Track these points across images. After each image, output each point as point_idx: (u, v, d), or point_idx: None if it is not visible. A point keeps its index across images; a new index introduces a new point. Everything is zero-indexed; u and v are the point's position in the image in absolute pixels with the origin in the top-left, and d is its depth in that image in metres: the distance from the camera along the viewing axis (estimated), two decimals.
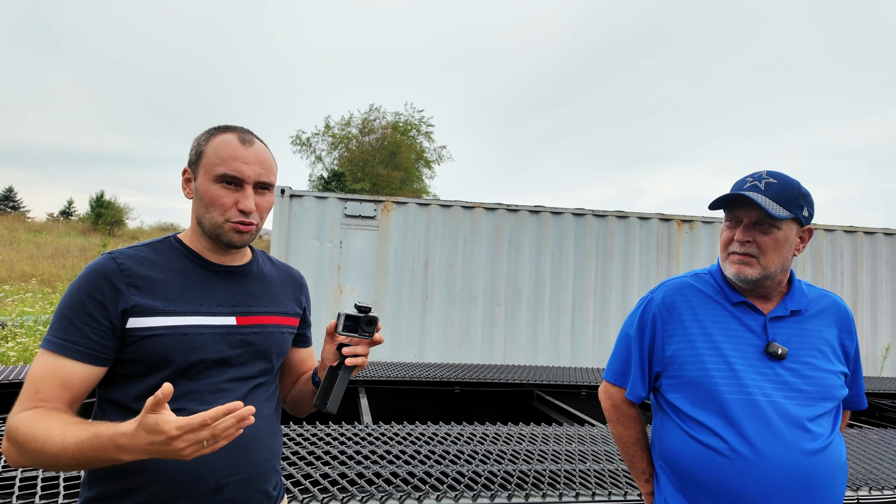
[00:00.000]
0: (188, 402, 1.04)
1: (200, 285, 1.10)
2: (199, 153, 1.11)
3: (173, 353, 1.03)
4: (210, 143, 1.10)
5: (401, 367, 3.98)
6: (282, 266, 1.31)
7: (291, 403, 1.33)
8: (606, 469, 1.98)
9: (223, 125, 1.15)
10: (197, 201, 1.11)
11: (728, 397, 1.21)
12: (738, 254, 1.26)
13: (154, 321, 1.03)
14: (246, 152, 1.10)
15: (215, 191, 1.08)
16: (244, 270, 1.18)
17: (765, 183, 1.25)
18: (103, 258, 1.05)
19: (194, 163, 1.12)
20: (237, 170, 1.08)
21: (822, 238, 7.38)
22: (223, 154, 1.09)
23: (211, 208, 1.09)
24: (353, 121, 25.51)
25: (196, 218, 1.12)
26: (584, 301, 6.79)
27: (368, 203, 6.46)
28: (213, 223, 1.09)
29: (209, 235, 1.11)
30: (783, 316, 1.28)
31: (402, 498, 1.61)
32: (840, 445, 1.24)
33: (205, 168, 1.09)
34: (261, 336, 1.15)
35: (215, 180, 1.08)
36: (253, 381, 1.14)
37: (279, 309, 1.21)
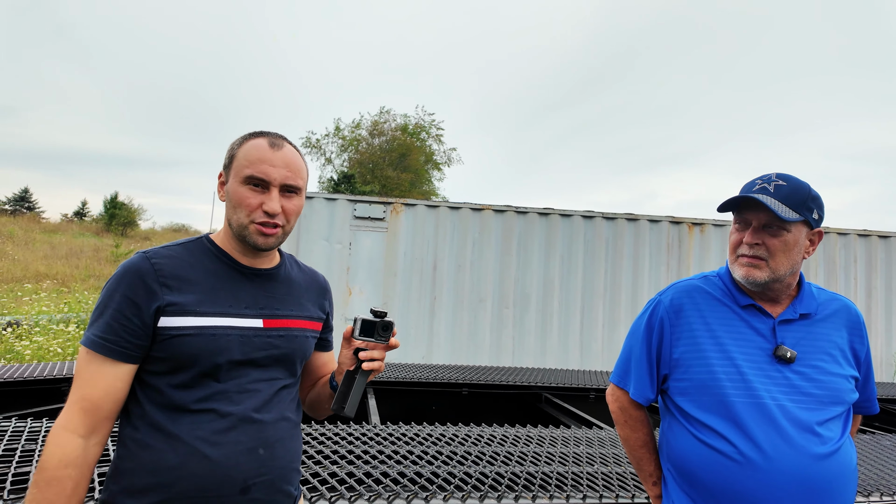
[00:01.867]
0: (216, 402, 1.06)
1: (230, 287, 1.13)
2: (231, 157, 1.15)
3: (201, 354, 1.05)
4: (242, 147, 1.14)
5: (409, 368, 3.99)
6: (308, 270, 1.33)
7: (309, 405, 1.35)
8: (614, 472, 1.98)
9: (258, 131, 1.18)
10: (227, 203, 1.15)
11: (736, 401, 1.21)
12: (747, 256, 1.25)
13: (184, 321, 1.06)
14: (273, 155, 1.13)
15: (242, 192, 1.11)
16: (272, 274, 1.20)
17: (774, 185, 1.24)
18: (138, 258, 1.08)
19: (227, 166, 1.15)
20: (263, 172, 1.11)
21: (836, 242, 7.29)
22: (251, 157, 1.12)
23: (238, 209, 1.12)
24: (363, 123, 25.64)
25: (227, 219, 1.16)
26: (594, 304, 6.76)
27: (378, 205, 6.48)
28: (239, 224, 1.12)
29: (237, 236, 1.14)
30: (792, 319, 1.27)
31: (410, 498, 1.61)
32: (850, 450, 1.23)
33: (235, 171, 1.13)
34: (286, 339, 1.17)
35: (243, 182, 1.11)
36: (278, 382, 1.16)
37: (304, 313, 1.23)
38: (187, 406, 1.05)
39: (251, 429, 1.08)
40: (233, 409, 1.07)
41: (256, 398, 1.10)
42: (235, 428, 1.06)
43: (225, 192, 1.16)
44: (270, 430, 1.11)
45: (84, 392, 1.02)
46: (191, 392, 1.05)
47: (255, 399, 1.10)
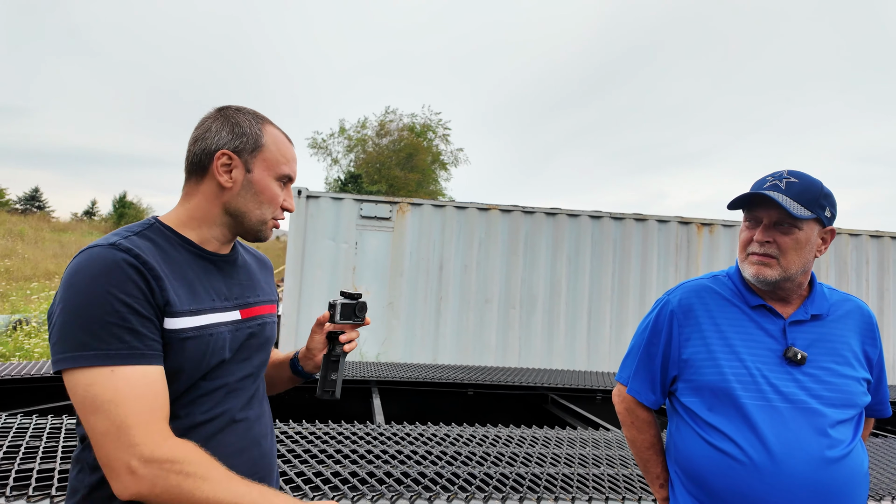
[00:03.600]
0: (203, 405, 0.98)
1: (205, 278, 1.03)
2: (258, 144, 1.05)
3: (204, 357, 0.97)
4: (268, 136, 1.06)
5: (415, 368, 3.98)
6: (252, 251, 1.26)
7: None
8: (621, 473, 1.95)
9: (258, 112, 1.10)
10: (247, 194, 1.04)
11: (745, 402, 1.18)
12: (758, 254, 1.23)
13: (184, 322, 0.95)
14: (294, 153, 1.11)
15: (275, 189, 1.06)
16: (233, 259, 1.12)
17: (786, 182, 1.22)
18: (108, 251, 0.89)
19: (249, 152, 1.04)
20: (295, 171, 1.09)
21: (847, 243, 7.20)
22: (287, 154, 1.08)
23: (265, 205, 1.05)
24: (369, 123, 25.67)
25: (232, 209, 1.04)
26: (601, 304, 6.72)
27: (384, 204, 6.48)
28: (261, 219, 1.06)
29: (245, 229, 1.06)
30: (803, 320, 1.25)
31: (413, 498, 1.60)
32: (862, 453, 1.20)
33: (267, 162, 1.05)
34: (261, 327, 1.12)
35: (277, 178, 1.06)
36: (259, 375, 1.12)
37: (266, 297, 1.18)
38: (175, 414, 0.94)
39: (240, 428, 1.03)
40: (221, 410, 1.01)
41: (242, 396, 1.05)
42: (224, 430, 1.00)
43: (239, 179, 1.03)
44: (257, 427, 1.08)
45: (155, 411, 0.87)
46: (179, 398, 0.95)
47: (240, 397, 1.05)
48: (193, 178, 1.05)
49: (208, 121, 1.06)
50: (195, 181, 1.05)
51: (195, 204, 1.05)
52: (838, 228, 7.20)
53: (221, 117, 1.06)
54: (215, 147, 1.03)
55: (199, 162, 1.04)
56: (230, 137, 1.03)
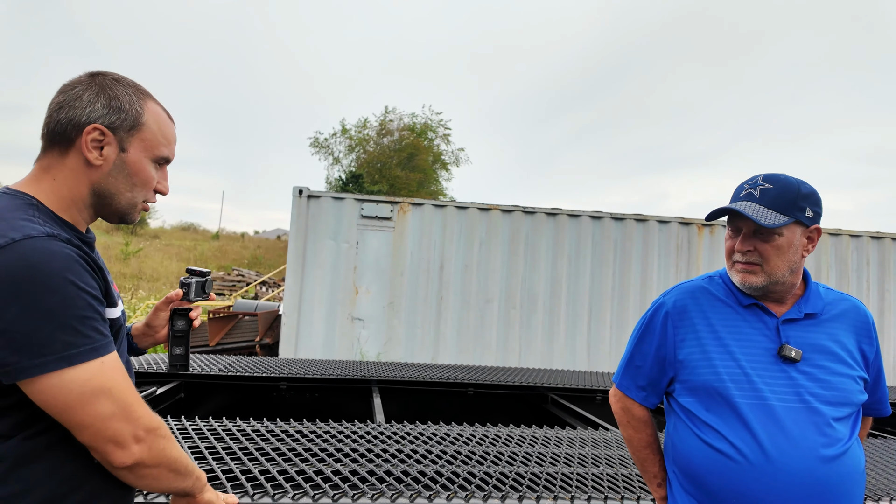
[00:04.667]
0: None
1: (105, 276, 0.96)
2: (136, 122, 0.96)
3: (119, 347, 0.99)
4: (149, 114, 0.98)
5: (415, 367, 3.99)
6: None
7: None
8: (620, 473, 1.96)
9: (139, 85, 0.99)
10: (118, 175, 0.96)
11: (740, 402, 1.19)
12: (741, 263, 1.25)
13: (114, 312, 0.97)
14: (175, 133, 1.05)
15: (150, 172, 1.00)
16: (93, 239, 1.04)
17: (760, 189, 1.23)
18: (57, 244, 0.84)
19: (126, 130, 0.95)
20: (173, 153, 1.03)
21: (848, 244, 7.20)
22: (168, 134, 1.01)
23: (137, 187, 0.99)
24: (370, 123, 25.68)
25: (101, 189, 0.96)
26: (601, 305, 6.73)
27: (385, 204, 6.49)
28: (131, 202, 0.99)
29: (112, 211, 0.99)
30: (797, 318, 1.26)
31: (413, 496, 1.61)
32: (858, 452, 1.21)
33: (145, 143, 0.97)
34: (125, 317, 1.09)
35: (154, 160, 1.00)
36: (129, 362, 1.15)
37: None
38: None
39: None
40: None
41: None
42: None
43: (111, 157, 0.95)
44: None
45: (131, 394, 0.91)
46: None
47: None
48: (55, 149, 0.94)
49: (79, 87, 0.94)
50: (57, 153, 0.94)
51: (61, 181, 0.94)
52: (839, 229, 7.20)
53: (96, 86, 0.94)
54: (86, 119, 0.92)
55: (64, 132, 0.93)
56: (105, 111, 0.93)
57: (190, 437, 1.99)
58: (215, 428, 2.13)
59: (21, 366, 0.80)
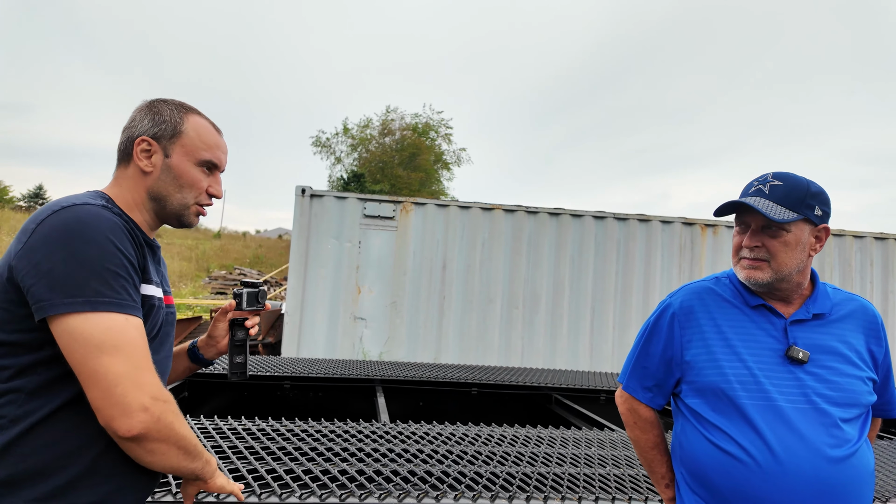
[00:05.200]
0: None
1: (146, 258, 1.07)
2: (176, 131, 1.11)
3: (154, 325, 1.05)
4: (189, 123, 1.12)
5: (418, 367, 3.99)
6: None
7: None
8: (626, 474, 1.96)
9: (185, 103, 1.15)
10: (166, 178, 1.10)
11: (747, 403, 1.18)
12: (748, 259, 1.25)
13: (149, 289, 1.04)
14: (221, 141, 1.17)
15: (195, 174, 1.12)
16: (158, 247, 1.19)
17: (769, 186, 1.23)
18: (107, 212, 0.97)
19: (167, 138, 1.10)
20: (219, 158, 1.15)
21: (852, 244, 7.19)
22: (208, 140, 1.13)
23: (186, 189, 1.11)
24: (372, 123, 25.67)
25: (154, 193, 1.10)
26: (604, 305, 6.72)
27: (387, 203, 6.49)
28: (182, 203, 1.12)
29: (167, 213, 1.12)
30: (805, 319, 1.25)
31: (420, 496, 1.60)
32: (867, 453, 1.20)
33: (186, 148, 1.11)
34: (174, 316, 1.19)
35: (198, 164, 1.12)
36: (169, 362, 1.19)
37: (168, 289, 1.23)
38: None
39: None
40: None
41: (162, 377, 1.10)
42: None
43: (159, 164, 1.10)
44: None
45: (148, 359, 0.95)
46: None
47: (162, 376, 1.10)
48: (121, 164, 1.12)
49: (135, 112, 1.13)
50: (122, 167, 1.11)
51: (125, 188, 1.10)
52: (842, 230, 7.18)
53: (146, 108, 1.12)
54: (137, 134, 1.10)
55: (125, 149, 1.11)
56: (150, 125, 1.10)
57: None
58: (220, 427, 2.13)
59: (52, 302, 0.89)
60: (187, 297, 17.08)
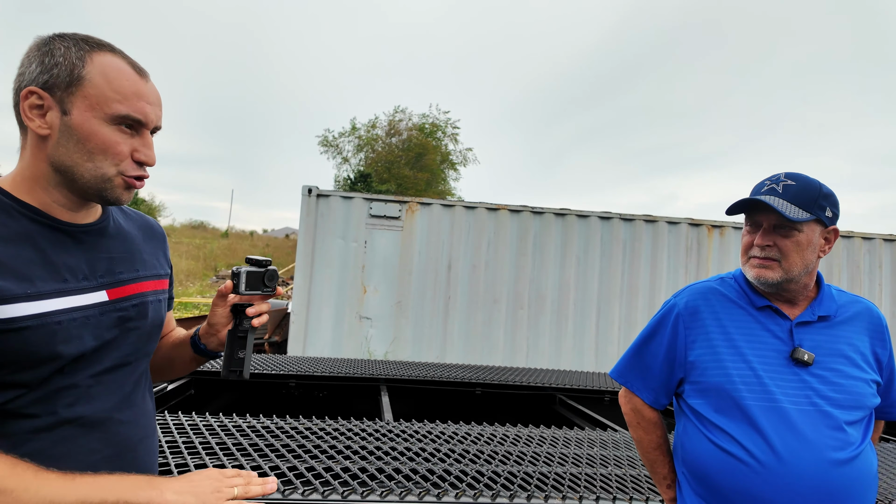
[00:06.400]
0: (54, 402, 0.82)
1: (56, 254, 0.84)
2: (74, 76, 0.82)
3: (49, 350, 0.80)
4: (94, 67, 0.83)
5: (423, 366, 4.00)
6: (137, 216, 1.06)
7: (157, 369, 1.14)
8: (628, 474, 1.96)
9: (92, 37, 0.85)
10: (68, 143, 0.83)
11: (751, 404, 1.19)
12: (759, 258, 1.25)
13: (15, 310, 0.77)
14: (147, 87, 0.87)
15: (109, 135, 0.83)
16: (101, 228, 0.93)
17: (783, 185, 1.23)
18: None
19: (64, 88, 0.81)
20: (142, 111, 0.85)
21: (861, 246, 7.13)
22: (123, 88, 0.84)
23: (99, 156, 0.83)
24: (379, 122, 25.74)
25: (57, 163, 0.84)
26: (610, 306, 6.71)
27: (393, 203, 6.51)
28: (98, 175, 0.84)
29: (82, 189, 0.85)
30: (810, 321, 1.25)
31: (422, 494, 1.61)
32: (871, 456, 1.20)
33: (91, 101, 0.82)
34: (138, 308, 0.95)
35: (111, 121, 0.83)
36: (136, 366, 0.97)
37: (150, 272, 1.01)
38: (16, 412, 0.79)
39: (107, 432, 0.88)
40: (81, 411, 0.84)
41: (113, 392, 0.90)
42: (87, 434, 0.85)
43: (56, 123, 0.82)
44: (132, 429, 0.92)
45: None
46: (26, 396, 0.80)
47: (111, 394, 0.89)
48: (21, 130, 0.86)
49: (24, 55, 0.84)
50: (21, 133, 0.86)
51: (25, 161, 0.85)
52: (851, 232, 7.13)
53: (35, 47, 0.83)
54: (24, 84, 0.82)
55: (16, 106, 0.84)
56: (39, 70, 0.81)
57: (201, 433, 2.01)
58: (226, 424, 2.15)
59: None
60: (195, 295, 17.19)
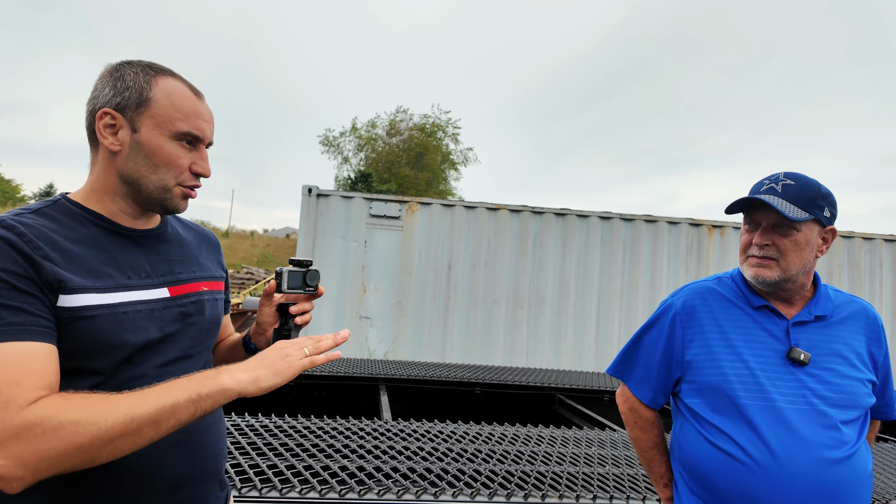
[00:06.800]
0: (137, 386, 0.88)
1: (120, 255, 0.94)
2: (143, 98, 0.93)
3: (117, 337, 0.88)
4: (159, 89, 0.94)
5: (422, 366, 4.00)
6: (193, 226, 1.17)
7: None
8: (626, 473, 1.96)
9: (156, 64, 0.97)
10: (136, 157, 0.93)
11: (747, 403, 1.19)
12: (757, 257, 1.25)
13: (87, 299, 0.85)
14: (203, 107, 0.98)
15: (172, 149, 0.94)
16: (160, 234, 1.03)
17: (782, 185, 1.23)
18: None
19: (134, 108, 0.93)
20: (200, 128, 0.96)
21: (861, 246, 7.12)
22: (184, 108, 0.95)
23: (162, 169, 0.94)
24: (380, 122, 25.74)
25: (126, 176, 0.94)
26: (610, 306, 6.71)
27: (393, 203, 6.51)
28: (161, 185, 0.95)
29: (146, 198, 0.96)
30: (807, 321, 1.25)
31: (419, 493, 1.62)
32: (866, 455, 1.20)
33: (156, 120, 0.93)
34: (197, 305, 1.03)
35: (174, 137, 0.94)
36: (199, 358, 1.04)
37: (207, 273, 1.09)
38: None
39: None
40: None
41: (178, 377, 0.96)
42: None
43: (126, 141, 0.93)
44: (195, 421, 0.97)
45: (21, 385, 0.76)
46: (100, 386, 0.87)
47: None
48: (92, 147, 0.97)
49: (98, 80, 0.95)
50: (93, 150, 0.97)
51: (95, 174, 0.96)
52: (852, 232, 7.12)
53: (108, 73, 0.95)
54: (99, 106, 0.93)
55: (90, 126, 0.95)
56: (112, 94, 0.93)
57: None
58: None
59: None
60: None
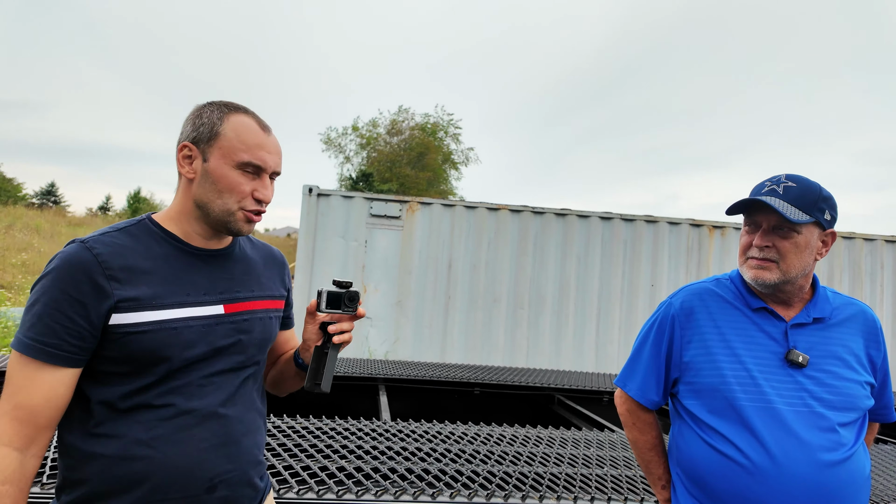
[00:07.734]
0: (176, 398, 1.01)
1: (185, 272, 1.05)
2: (213, 132, 1.05)
3: (164, 350, 0.99)
4: (228, 124, 1.05)
5: (422, 366, 4.00)
6: (262, 246, 1.27)
7: (272, 384, 1.31)
8: (624, 475, 1.96)
9: (232, 103, 1.09)
10: (205, 184, 1.05)
11: (745, 405, 1.19)
12: (757, 259, 1.24)
13: (140, 316, 0.98)
14: (268, 140, 1.08)
15: (235, 177, 1.04)
16: (227, 254, 1.13)
17: (783, 187, 1.23)
18: (77, 248, 0.97)
19: (205, 141, 1.05)
20: (261, 159, 1.06)
21: (862, 247, 7.11)
22: (248, 140, 1.05)
23: (226, 194, 1.05)
24: (381, 121, 25.73)
25: (197, 200, 1.06)
26: (610, 306, 6.70)
27: (394, 203, 6.51)
28: (225, 210, 1.05)
29: (214, 221, 1.07)
30: (805, 323, 1.25)
31: (416, 494, 1.62)
32: (864, 457, 1.20)
33: (223, 151, 1.04)
34: (250, 323, 1.12)
35: (237, 166, 1.04)
36: (244, 371, 1.12)
37: (265, 293, 1.18)
38: (147, 403, 0.99)
39: (216, 424, 1.04)
40: (196, 405, 1.02)
41: (222, 391, 1.06)
42: (200, 424, 1.02)
43: (199, 170, 1.05)
44: (237, 424, 1.07)
45: (18, 400, 0.93)
46: (149, 390, 0.99)
47: (220, 392, 1.05)
48: (178, 175, 1.10)
49: (186, 118, 1.09)
50: (179, 177, 1.10)
51: (178, 199, 1.09)
52: (853, 233, 7.11)
53: (192, 112, 1.09)
54: (180, 140, 1.08)
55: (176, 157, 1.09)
56: (191, 129, 1.06)
57: None
58: None
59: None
60: None
